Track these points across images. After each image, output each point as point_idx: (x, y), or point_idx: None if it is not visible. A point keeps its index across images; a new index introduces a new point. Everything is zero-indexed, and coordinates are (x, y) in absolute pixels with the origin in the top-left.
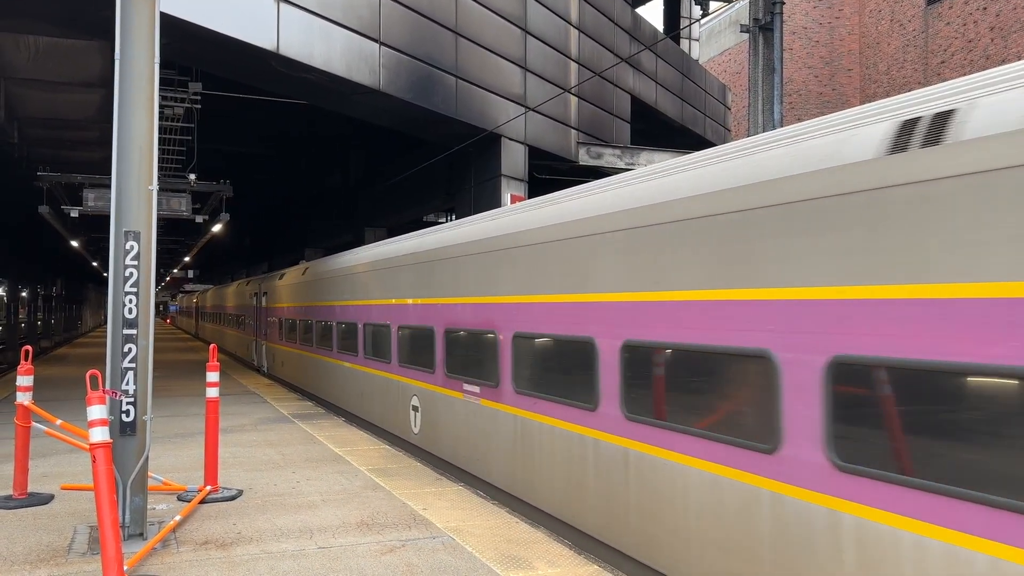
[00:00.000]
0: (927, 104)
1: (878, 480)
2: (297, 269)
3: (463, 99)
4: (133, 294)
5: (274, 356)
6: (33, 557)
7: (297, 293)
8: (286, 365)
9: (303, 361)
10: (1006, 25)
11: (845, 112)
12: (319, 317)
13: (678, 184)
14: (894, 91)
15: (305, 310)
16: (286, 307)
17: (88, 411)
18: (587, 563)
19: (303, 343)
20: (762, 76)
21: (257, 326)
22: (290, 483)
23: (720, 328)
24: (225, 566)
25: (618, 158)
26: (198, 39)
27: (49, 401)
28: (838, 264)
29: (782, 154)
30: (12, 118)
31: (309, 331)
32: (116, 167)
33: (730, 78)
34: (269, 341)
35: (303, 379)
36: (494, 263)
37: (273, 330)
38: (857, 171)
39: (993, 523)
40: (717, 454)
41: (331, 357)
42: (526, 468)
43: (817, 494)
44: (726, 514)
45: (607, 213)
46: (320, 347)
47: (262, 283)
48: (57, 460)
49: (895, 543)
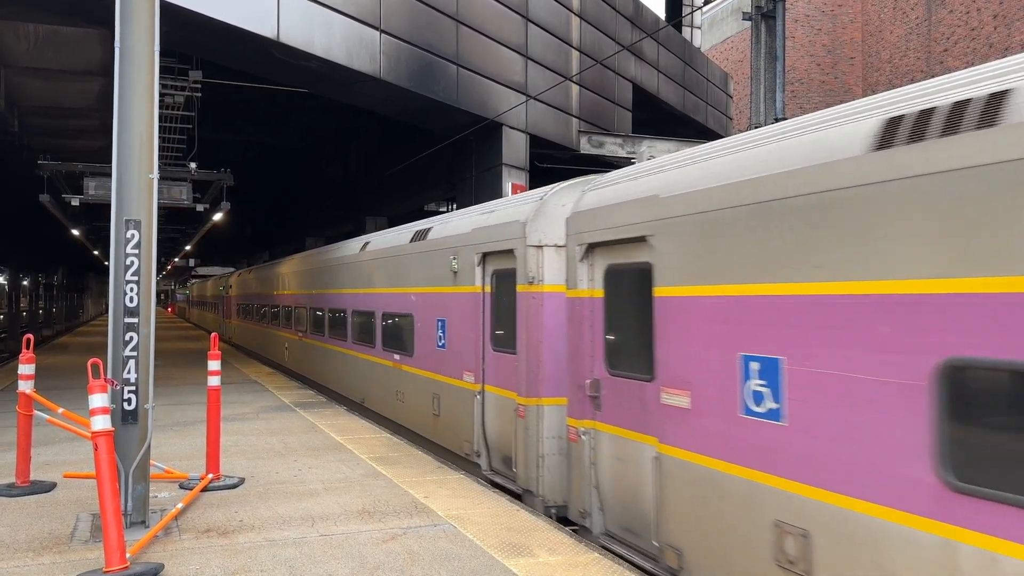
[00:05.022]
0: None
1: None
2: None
3: (464, 87)
4: (134, 283)
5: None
6: (36, 545)
7: None
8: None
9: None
10: (1010, 13)
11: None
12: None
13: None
14: (897, 80)
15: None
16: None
17: (90, 399)
18: (587, 550)
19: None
20: (764, 64)
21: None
22: (292, 471)
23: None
24: (227, 553)
25: (620, 147)
26: (198, 27)
27: (51, 389)
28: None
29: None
30: (12, 106)
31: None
32: (116, 155)
33: (732, 66)
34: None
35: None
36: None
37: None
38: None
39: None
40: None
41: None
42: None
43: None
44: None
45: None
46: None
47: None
48: (59, 448)
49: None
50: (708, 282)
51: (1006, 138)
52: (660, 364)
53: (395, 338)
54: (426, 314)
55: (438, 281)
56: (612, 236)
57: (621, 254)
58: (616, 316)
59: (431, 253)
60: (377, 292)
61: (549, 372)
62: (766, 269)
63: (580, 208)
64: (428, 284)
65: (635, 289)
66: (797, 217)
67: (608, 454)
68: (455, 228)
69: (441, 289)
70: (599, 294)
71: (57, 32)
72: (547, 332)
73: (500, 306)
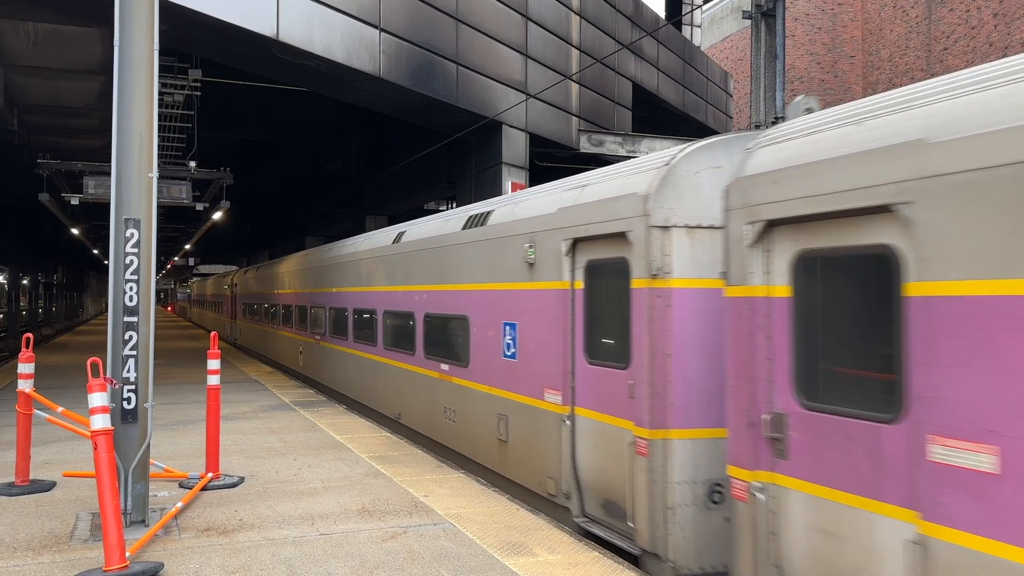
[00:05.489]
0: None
1: None
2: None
3: (464, 86)
4: (134, 282)
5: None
6: (36, 544)
7: None
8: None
9: None
10: (1010, 12)
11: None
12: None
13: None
14: (897, 79)
15: None
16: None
17: (89, 399)
18: (587, 549)
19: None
20: (764, 63)
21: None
22: (292, 470)
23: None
24: (227, 552)
25: (619, 145)
26: (198, 26)
27: (51, 389)
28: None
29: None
30: (12, 105)
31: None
32: (116, 154)
33: (732, 65)
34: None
35: None
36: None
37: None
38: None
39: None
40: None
41: None
42: None
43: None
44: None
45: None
46: None
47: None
48: (59, 447)
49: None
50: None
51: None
52: (922, 399)
53: (443, 344)
54: (487, 316)
55: (505, 275)
56: (815, 208)
57: (829, 233)
58: (817, 324)
59: (494, 242)
60: (417, 290)
61: (680, 396)
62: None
63: (751, 171)
64: (490, 279)
65: (858, 284)
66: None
67: (803, 523)
68: (530, 209)
69: (510, 285)
70: (783, 292)
71: (57, 31)
72: (677, 342)
73: (599, 306)
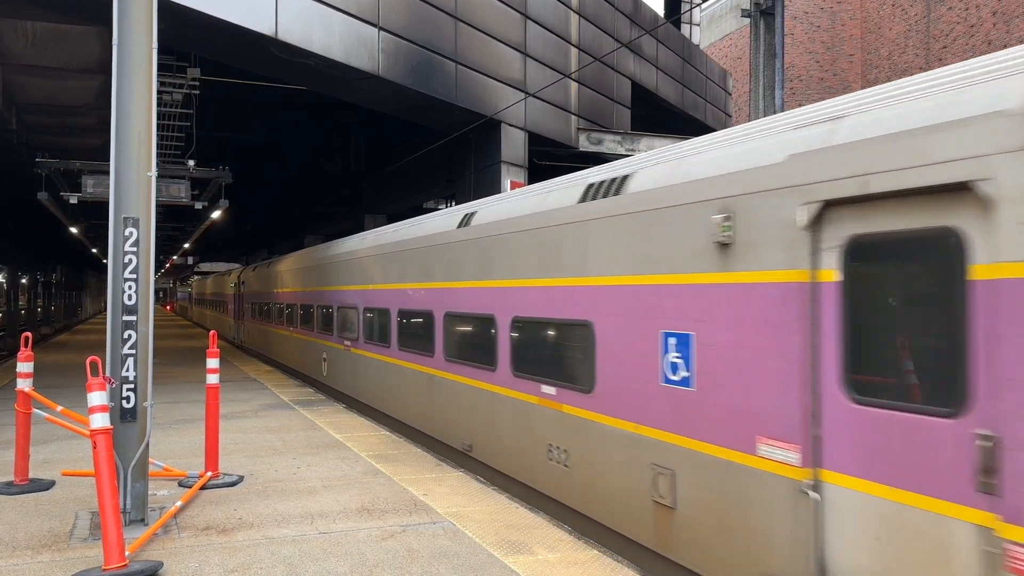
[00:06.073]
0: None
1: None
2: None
3: (463, 85)
4: (133, 280)
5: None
6: (35, 543)
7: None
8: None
9: None
10: (1009, 10)
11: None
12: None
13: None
14: (896, 77)
15: None
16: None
17: (88, 398)
18: (586, 548)
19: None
20: (763, 61)
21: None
22: (291, 469)
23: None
24: (226, 551)
25: (619, 144)
26: (197, 24)
27: (50, 388)
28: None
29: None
30: (10, 104)
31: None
32: (115, 153)
33: (731, 63)
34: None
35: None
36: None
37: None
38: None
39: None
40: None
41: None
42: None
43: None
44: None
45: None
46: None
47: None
48: (58, 446)
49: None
50: None
51: None
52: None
53: (543, 359)
54: (629, 322)
55: (666, 264)
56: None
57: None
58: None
59: (643, 216)
60: (498, 286)
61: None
62: None
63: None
64: (636, 270)
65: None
66: None
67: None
68: (716, 164)
69: (677, 279)
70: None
71: (56, 29)
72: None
73: (877, 310)
